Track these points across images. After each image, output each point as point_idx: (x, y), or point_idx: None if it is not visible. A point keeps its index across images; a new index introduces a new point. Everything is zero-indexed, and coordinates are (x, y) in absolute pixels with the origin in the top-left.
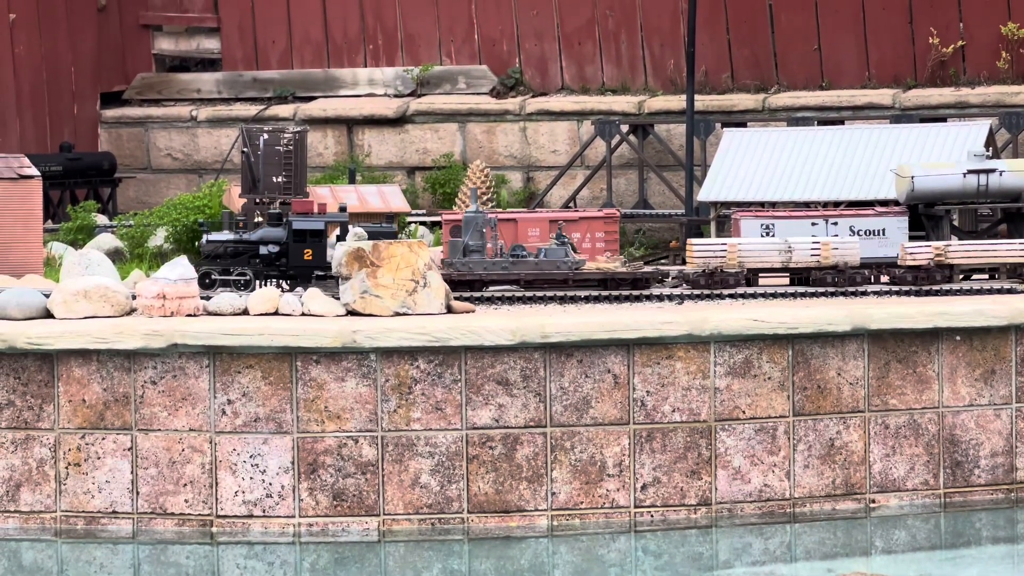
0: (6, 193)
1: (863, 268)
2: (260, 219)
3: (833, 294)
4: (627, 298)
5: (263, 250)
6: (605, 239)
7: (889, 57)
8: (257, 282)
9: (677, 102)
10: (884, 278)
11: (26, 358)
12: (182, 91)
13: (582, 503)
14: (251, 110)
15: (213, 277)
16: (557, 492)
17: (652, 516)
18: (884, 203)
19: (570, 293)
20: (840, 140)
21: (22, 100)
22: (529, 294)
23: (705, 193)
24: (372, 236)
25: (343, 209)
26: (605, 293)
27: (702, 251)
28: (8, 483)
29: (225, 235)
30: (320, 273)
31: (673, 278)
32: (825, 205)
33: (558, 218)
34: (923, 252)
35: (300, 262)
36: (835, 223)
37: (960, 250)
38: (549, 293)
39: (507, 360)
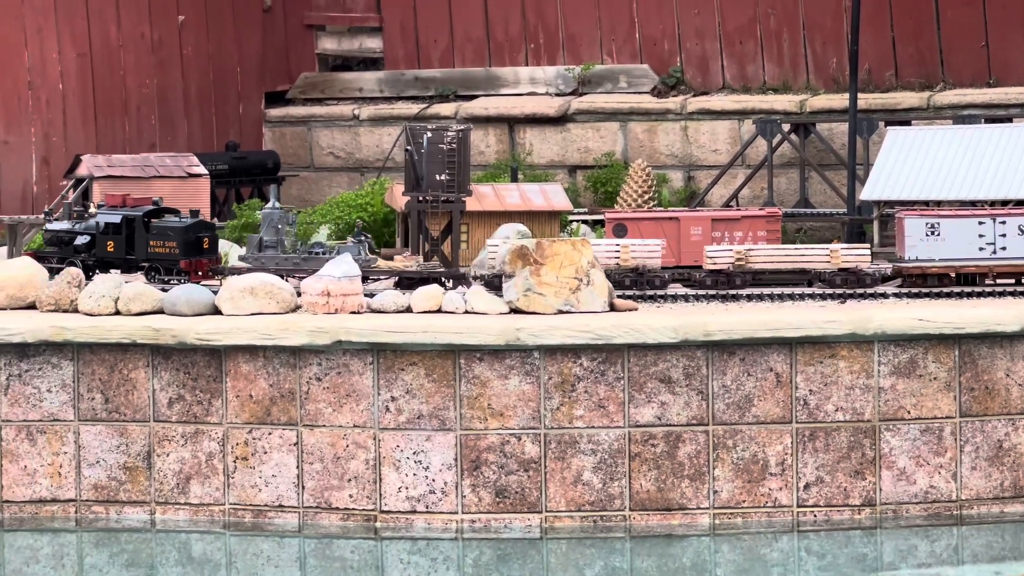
0: (176, 191)
1: (664, 271)
2: (96, 208)
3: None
4: (789, 296)
5: (78, 240)
6: (767, 238)
7: None
8: (90, 271)
9: (839, 100)
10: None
11: (195, 353)
12: (344, 90)
13: (744, 502)
14: (412, 109)
15: (51, 264)
16: (719, 490)
17: (815, 516)
18: None
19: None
20: (1008, 138)
21: (190, 100)
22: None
23: (868, 192)
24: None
25: (155, 203)
26: (767, 291)
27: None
28: (179, 475)
29: (63, 224)
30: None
31: (474, 278)
32: (992, 204)
33: (720, 217)
34: (724, 256)
35: (105, 253)
36: (1003, 222)
37: (762, 254)
38: None
39: (669, 358)
